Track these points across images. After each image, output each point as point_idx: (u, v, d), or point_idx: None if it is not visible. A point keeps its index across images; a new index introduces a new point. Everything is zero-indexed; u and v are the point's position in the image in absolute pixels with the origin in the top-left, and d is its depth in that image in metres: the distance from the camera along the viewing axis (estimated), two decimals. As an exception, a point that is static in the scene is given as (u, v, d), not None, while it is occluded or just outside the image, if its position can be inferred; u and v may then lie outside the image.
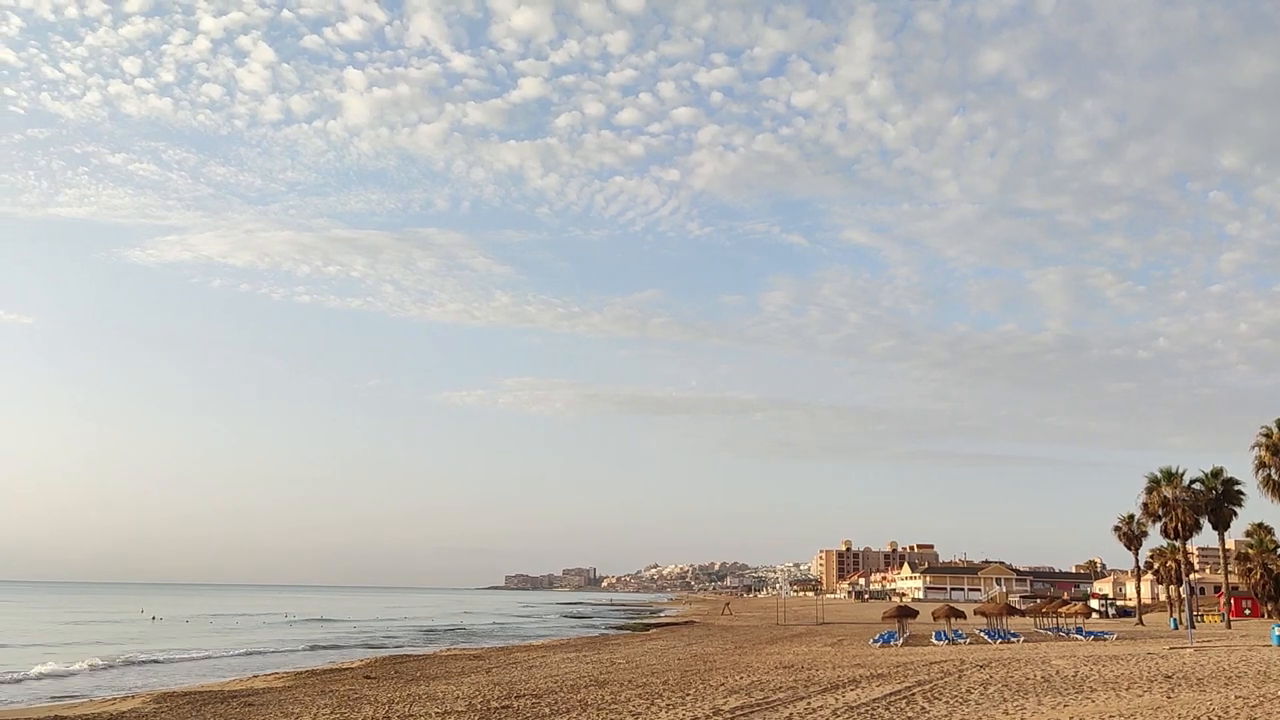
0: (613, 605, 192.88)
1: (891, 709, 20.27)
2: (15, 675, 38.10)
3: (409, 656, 46.73)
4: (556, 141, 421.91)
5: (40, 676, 37.95)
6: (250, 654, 51.71)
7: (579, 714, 21.27)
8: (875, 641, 48.69)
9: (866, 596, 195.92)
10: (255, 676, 36.19)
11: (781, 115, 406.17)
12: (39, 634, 68.31)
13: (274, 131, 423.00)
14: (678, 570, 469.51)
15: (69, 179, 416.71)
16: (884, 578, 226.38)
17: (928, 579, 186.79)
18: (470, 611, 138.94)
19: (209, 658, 49.18)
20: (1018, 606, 73.01)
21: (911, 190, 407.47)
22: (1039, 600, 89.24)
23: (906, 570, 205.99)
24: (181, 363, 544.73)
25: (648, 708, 21.84)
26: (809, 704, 21.46)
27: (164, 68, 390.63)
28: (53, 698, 30.78)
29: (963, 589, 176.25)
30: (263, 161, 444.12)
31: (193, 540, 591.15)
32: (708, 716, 19.98)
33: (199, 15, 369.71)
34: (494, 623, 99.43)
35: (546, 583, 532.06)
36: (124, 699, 28.60)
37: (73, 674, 39.33)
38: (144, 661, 45.82)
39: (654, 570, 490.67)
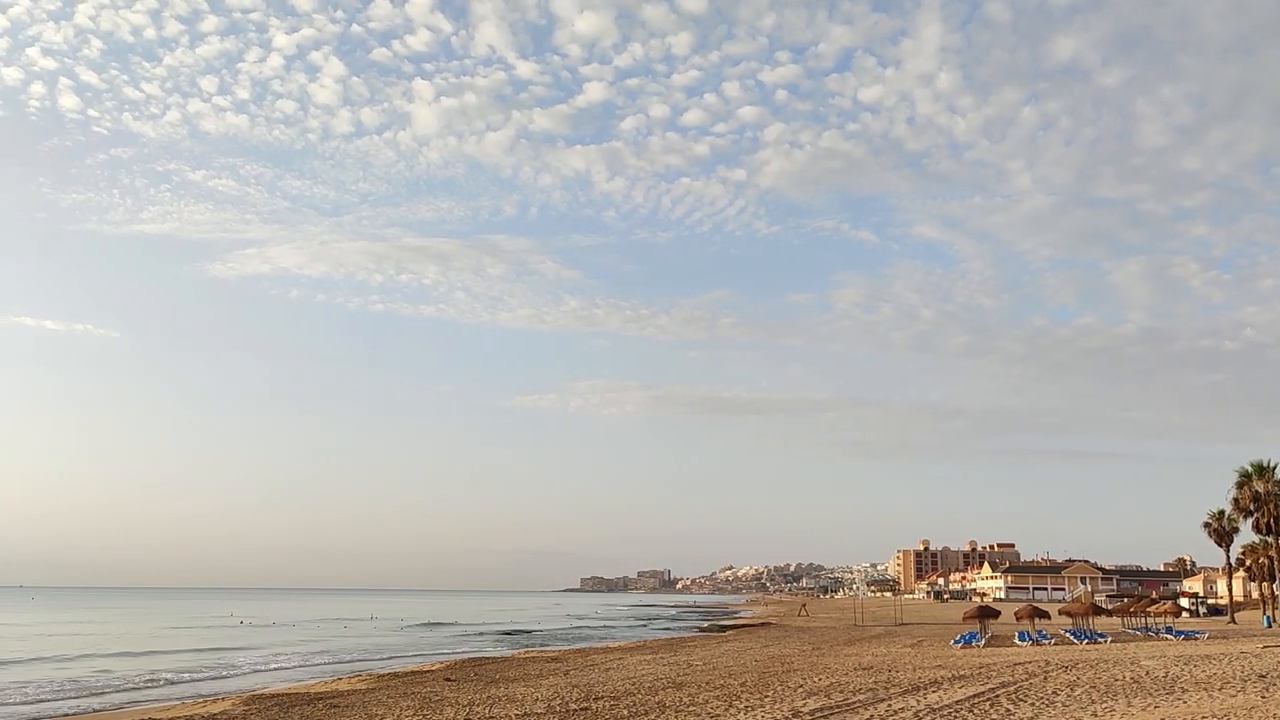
0: (688, 607, 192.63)
1: (975, 711, 19.95)
2: (121, 679, 39.71)
3: (488, 659, 47.25)
4: (622, 145, 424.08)
5: (143, 683, 39.19)
6: (335, 656, 52.77)
7: (657, 716, 21.31)
8: (956, 642, 47.90)
9: (946, 597, 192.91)
10: (339, 679, 36.91)
11: (848, 111, 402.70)
12: (140, 640, 70.42)
13: (346, 144, 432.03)
14: (753, 572, 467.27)
15: (152, 196, 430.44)
16: (963, 578, 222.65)
17: (1009, 579, 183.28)
18: (547, 614, 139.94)
19: (296, 661, 50.27)
20: (1104, 606, 71.19)
21: (983, 183, 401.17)
22: (1126, 599, 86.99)
23: (987, 570, 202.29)
24: (262, 372, 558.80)
25: (726, 709, 21.79)
26: (890, 706, 21.22)
27: (239, 85, 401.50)
28: (150, 701, 31.79)
29: (1046, 589, 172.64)
30: (336, 174, 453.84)
31: (270, 544, 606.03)
32: (787, 718, 19.88)
33: (272, 33, 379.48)
34: (570, 625, 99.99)
35: (622, 585, 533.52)
36: (214, 701, 29.39)
37: (170, 678, 40.54)
38: (235, 664, 47.09)
39: (729, 572, 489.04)
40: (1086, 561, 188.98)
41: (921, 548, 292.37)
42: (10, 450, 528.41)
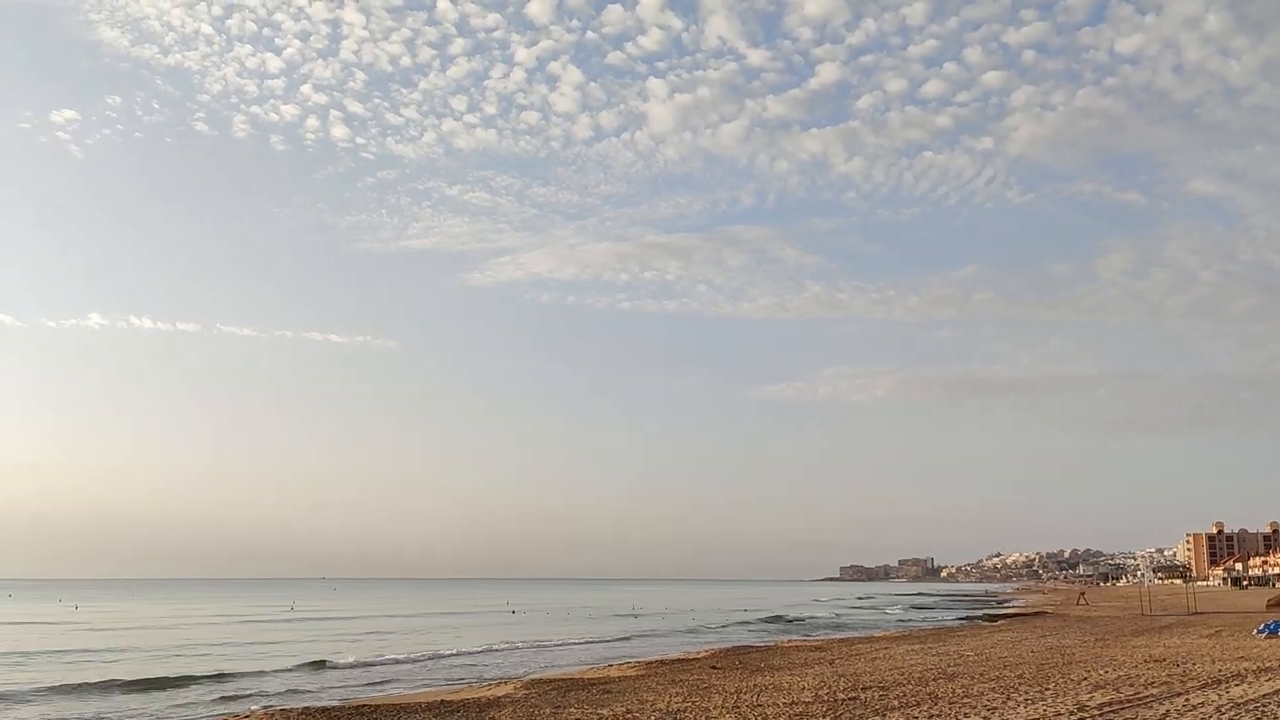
0: (954, 596, 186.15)
1: (1289, 708, 18.15)
2: (417, 656, 43.56)
3: (751, 647, 47.53)
4: (859, 124, 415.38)
5: (437, 670, 42.21)
6: (591, 644, 54.80)
7: (929, 707, 20.71)
8: (1260, 632, 43.68)
9: (1245, 583, 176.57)
10: (609, 665, 38.21)
11: (1104, 65, 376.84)
12: (430, 627, 75.86)
13: (586, 149, 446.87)
14: (1023, 559, 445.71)
15: (415, 213, 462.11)
16: (1265, 562, 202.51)
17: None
18: (807, 603, 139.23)
19: (572, 648, 52.56)
20: None
21: (1266, 129, 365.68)
22: None
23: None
24: (524, 374, 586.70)
25: (1003, 702, 20.90)
26: (1187, 700, 19.67)
27: (487, 101, 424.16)
28: (440, 684, 34.17)
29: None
30: (578, 178, 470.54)
31: (529, 537, 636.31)
32: (1071, 713, 18.81)
33: (513, 48, 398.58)
34: (832, 614, 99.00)
35: (882, 574, 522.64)
36: (499, 684, 31.13)
37: (455, 659, 43.49)
38: (511, 649, 49.85)
39: (996, 559, 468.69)
40: None
41: (1215, 530, 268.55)
42: (315, 454, 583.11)
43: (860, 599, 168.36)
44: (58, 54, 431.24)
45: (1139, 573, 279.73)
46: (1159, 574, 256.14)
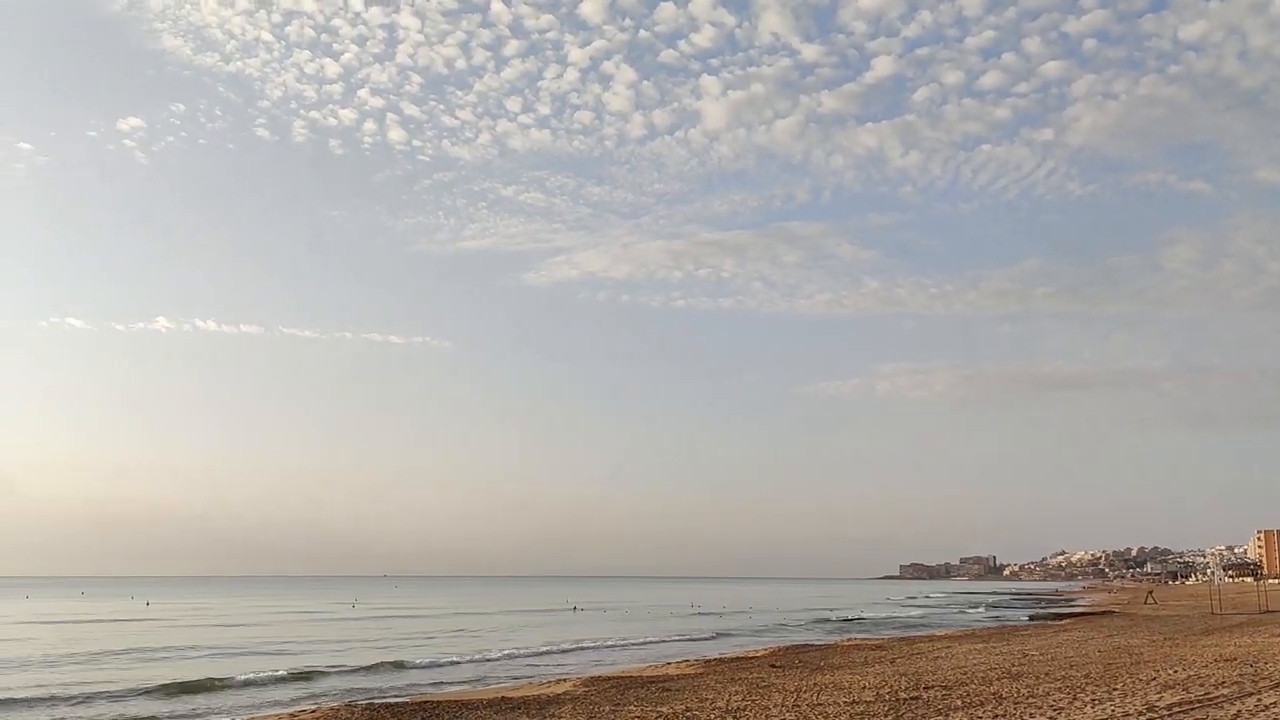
0: (1017, 595, 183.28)
1: (1367, 709, 17.71)
2: (486, 654, 44.50)
3: (811, 646, 47.35)
4: (915, 117, 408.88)
5: (491, 666, 42.70)
6: (656, 641, 54.93)
7: (993, 707, 20.54)
8: (1338, 633, 42.56)
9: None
10: (669, 663, 38.33)
11: (1168, 53, 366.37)
12: (496, 625, 76.63)
13: (640, 147, 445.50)
14: (1088, 557, 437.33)
15: (471, 214, 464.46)
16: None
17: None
18: (867, 601, 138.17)
19: (630, 645, 52.77)
20: None
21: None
22: None
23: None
24: (578, 373, 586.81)
25: (1070, 702, 20.65)
26: (1259, 700, 19.28)
27: (541, 102, 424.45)
28: (499, 681, 34.56)
29: None
30: (632, 177, 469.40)
31: (581, 534, 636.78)
32: (1140, 713, 18.54)
33: (567, 49, 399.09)
34: (892, 613, 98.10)
35: (943, 572, 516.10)
36: (558, 682, 31.44)
37: (523, 659, 43.96)
38: (572, 647, 50.25)
39: (1061, 557, 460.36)
40: None
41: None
42: (376, 454, 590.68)
43: (929, 597, 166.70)
44: (124, 63, 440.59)
45: (1208, 571, 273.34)
46: (1229, 572, 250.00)
